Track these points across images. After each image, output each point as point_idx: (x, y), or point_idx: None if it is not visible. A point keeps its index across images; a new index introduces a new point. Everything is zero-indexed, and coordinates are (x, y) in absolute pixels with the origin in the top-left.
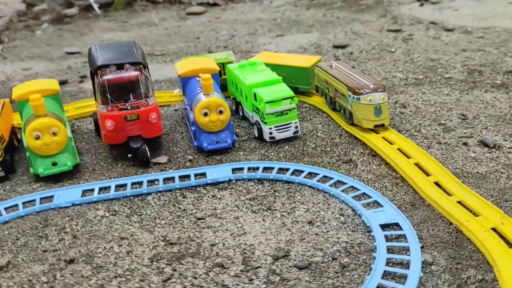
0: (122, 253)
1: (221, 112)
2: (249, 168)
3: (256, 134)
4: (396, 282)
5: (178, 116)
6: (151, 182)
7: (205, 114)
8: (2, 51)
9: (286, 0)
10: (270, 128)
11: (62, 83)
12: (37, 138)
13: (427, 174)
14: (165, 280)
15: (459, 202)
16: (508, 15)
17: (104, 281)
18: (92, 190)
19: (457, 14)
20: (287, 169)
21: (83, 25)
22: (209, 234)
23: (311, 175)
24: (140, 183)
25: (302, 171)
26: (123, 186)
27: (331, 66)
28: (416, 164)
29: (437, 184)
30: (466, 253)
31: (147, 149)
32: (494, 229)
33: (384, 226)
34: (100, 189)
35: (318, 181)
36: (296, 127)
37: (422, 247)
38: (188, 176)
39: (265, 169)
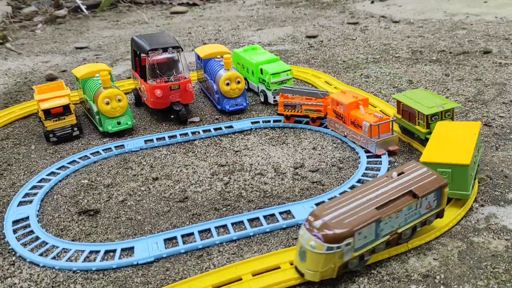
0: (190, 173)
1: (238, 82)
2: (263, 121)
3: (262, 100)
4: (374, 173)
5: (197, 90)
6: (193, 133)
7: (227, 84)
8: (12, 48)
9: (257, 0)
10: (273, 92)
11: None
12: (107, 103)
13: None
14: (226, 184)
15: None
16: (440, 10)
17: (184, 187)
18: (151, 140)
19: (402, 9)
20: None
21: (77, 24)
22: (247, 159)
23: (307, 123)
24: (186, 133)
25: (301, 121)
26: (173, 136)
27: None
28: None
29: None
30: None
31: (185, 111)
32: None
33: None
34: (157, 138)
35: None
36: None
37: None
38: (220, 128)
39: (275, 121)
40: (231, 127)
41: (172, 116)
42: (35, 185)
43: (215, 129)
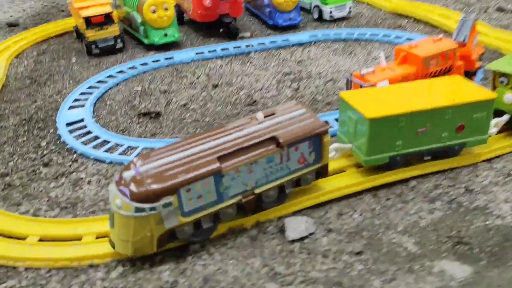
0: (252, 81)
1: None
2: (322, 34)
3: (316, 16)
4: None
5: None
6: (247, 46)
7: None
8: None
9: None
10: (330, 8)
11: None
12: (153, 12)
13: None
14: (295, 90)
15: None
16: None
17: (249, 93)
18: (202, 52)
19: None
20: (353, 33)
21: None
22: (312, 68)
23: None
24: (239, 46)
25: (365, 33)
26: (226, 49)
27: None
28: None
29: None
30: None
31: (236, 24)
32: None
33: None
34: (209, 51)
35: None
36: (350, 7)
37: None
38: (275, 41)
39: (335, 34)
40: (286, 40)
41: (221, 30)
42: (83, 91)
43: (271, 42)
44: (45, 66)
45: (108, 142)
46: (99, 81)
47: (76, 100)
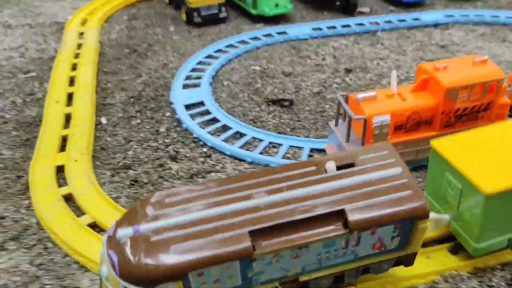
0: (391, 66)
1: None
2: (460, 15)
3: None
4: None
5: None
6: (371, 23)
7: None
8: None
9: None
10: None
11: None
12: None
13: None
14: None
15: None
16: None
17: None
18: (320, 28)
19: None
20: (498, 16)
21: None
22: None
23: None
24: (362, 23)
25: None
26: (347, 26)
27: None
28: None
29: None
30: None
31: None
32: None
33: None
34: (328, 27)
35: None
36: None
37: None
38: (404, 20)
39: (476, 15)
40: (417, 19)
41: (337, 3)
42: (194, 67)
43: (399, 21)
44: (140, 34)
45: (243, 134)
46: (208, 56)
47: (187, 77)
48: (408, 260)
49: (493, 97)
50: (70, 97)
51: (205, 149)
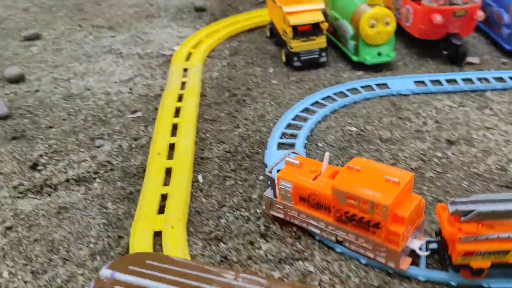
0: (499, 140)
1: None
2: None
3: None
4: None
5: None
6: (480, 79)
7: None
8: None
9: None
10: None
11: None
12: (372, 26)
13: None
14: None
15: None
16: None
17: (501, 162)
18: (423, 82)
19: None
20: None
21: None
22: None
23: None
24: (470, 79)
25: None
26: (452, 81)
27: None
28: None
29: None
30: None
31: (466, 47)
32: None
33: None
34: (432, 81)
35: None
36: None
37: None
38: None
39: None
40: None
41: (444, 52)
42: (290, 122)
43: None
44: (240, 73)
45: None
46: (305, 109)
47: (283, 134)
48: None
49: (380, 219)
50: (172, 146)
51: (294, 228)
